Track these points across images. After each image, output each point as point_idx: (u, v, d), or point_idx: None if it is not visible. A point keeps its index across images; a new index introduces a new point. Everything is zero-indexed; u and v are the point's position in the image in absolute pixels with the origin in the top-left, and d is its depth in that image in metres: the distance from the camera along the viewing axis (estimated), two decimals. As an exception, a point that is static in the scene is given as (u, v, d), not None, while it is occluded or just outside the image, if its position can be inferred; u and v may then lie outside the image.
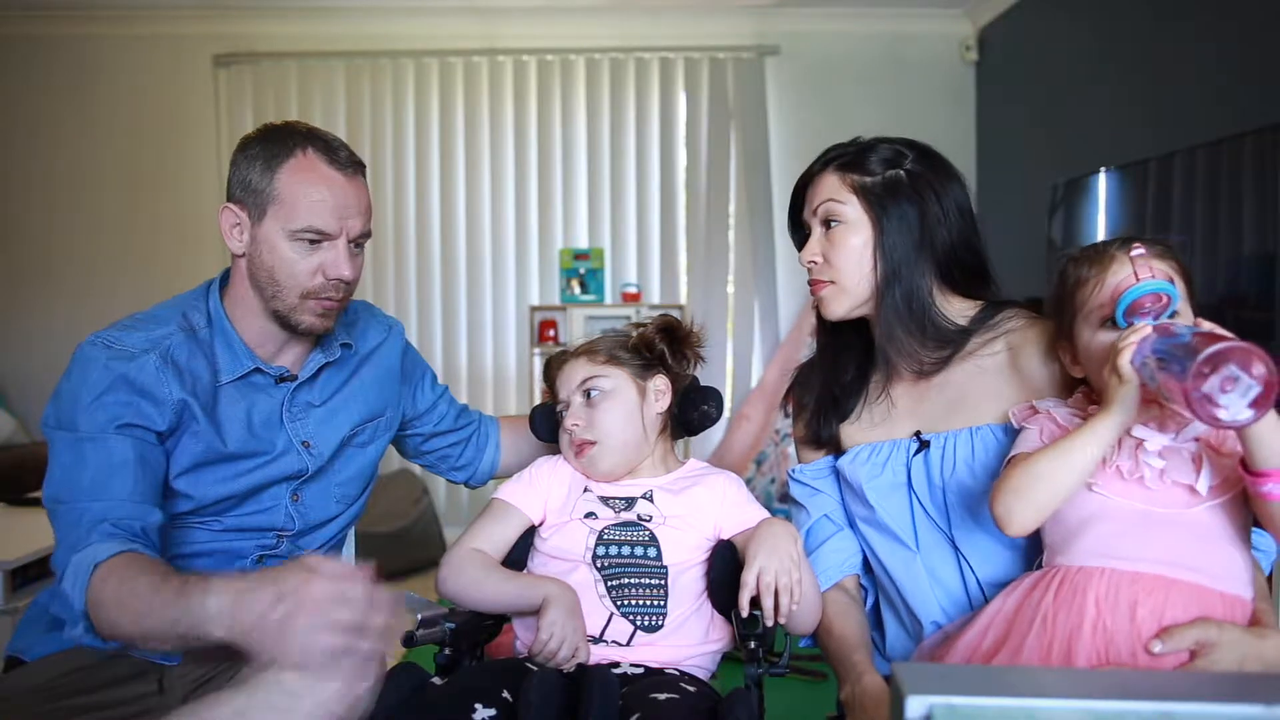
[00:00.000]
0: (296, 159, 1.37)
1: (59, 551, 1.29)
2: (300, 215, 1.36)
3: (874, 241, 1.36)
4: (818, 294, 1.41)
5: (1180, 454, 1.16)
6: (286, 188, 1.36)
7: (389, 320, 1.67)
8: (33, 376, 4.69)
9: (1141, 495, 1.16)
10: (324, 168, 1.37)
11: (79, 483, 1.30)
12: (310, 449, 1.48)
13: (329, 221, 1.37)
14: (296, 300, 1.40)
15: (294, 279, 1.38)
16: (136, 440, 1.34)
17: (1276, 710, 0.66)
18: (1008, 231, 4.27)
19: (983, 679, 0.76)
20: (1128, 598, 1.13)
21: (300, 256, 1.38)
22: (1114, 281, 1.20)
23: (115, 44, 4.85)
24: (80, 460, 1.31)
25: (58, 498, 1.31)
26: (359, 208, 1.40)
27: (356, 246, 1.43)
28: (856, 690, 1.31)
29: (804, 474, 1.52)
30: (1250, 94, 2.88)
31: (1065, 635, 1.14)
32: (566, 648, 1.31)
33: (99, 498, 1.29)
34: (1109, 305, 1.20)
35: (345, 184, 1.38)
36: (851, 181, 1.37)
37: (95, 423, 1.32)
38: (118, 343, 1.36)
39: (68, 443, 1.33)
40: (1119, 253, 1.22)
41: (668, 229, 4.94)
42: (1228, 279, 2.78)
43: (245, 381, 1.44)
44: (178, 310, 1.45)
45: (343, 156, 1.39)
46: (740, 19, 4.88)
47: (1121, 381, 1.12)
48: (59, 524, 1.31)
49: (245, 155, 1.40)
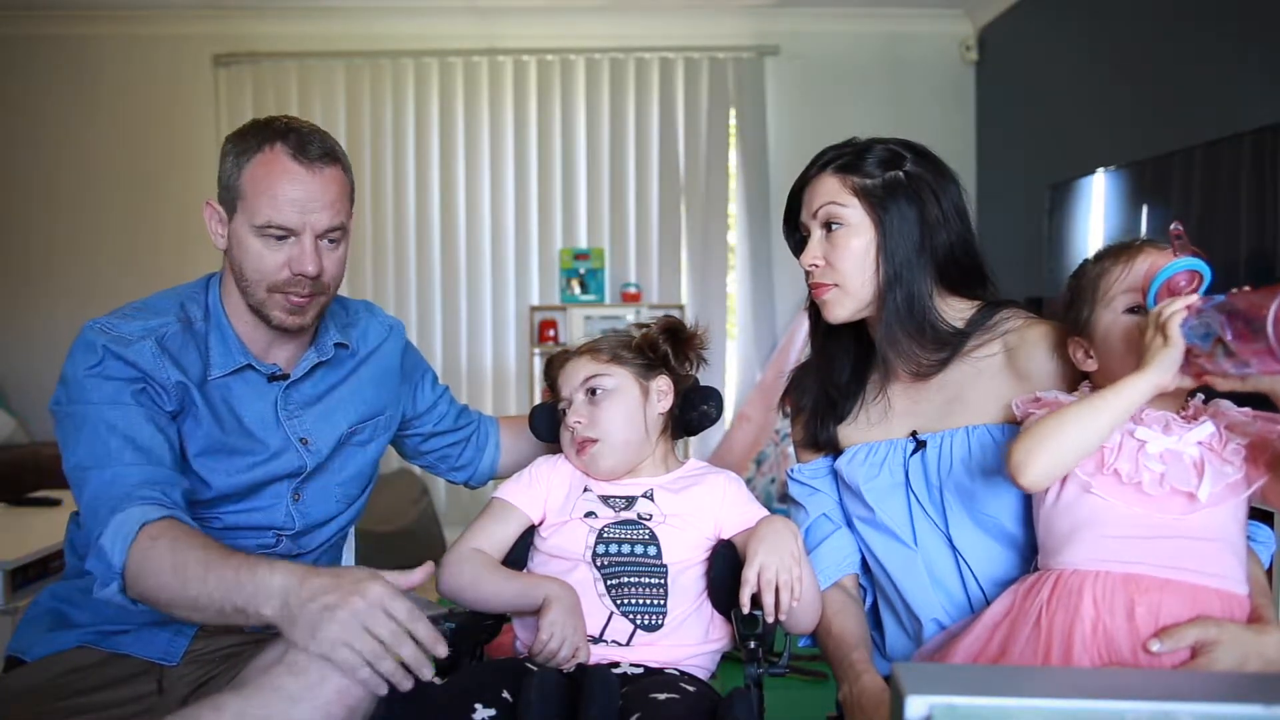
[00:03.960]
0: (263, 154, 1.37)
1: (90, 513, 1.29)
2: (262, 211, 1.36)
3: (876, 244, 1.36)
4: (820, 297, 1.40)
5: (1181, 459, 1.15)
6: (250, 184, 1.37)
7: (390, 320, 1.67)
8: (33, 376, 4.68)
9: (1139, 501, 1.16)
10: (287, 162, 1.37)
11: (107, 446, 1.31)
12: (309, 446, 1.48)
13: (289, 217, 1.37)
14: (264, 295, 1.40)
15: (260, 274, 1.39)
16: (154, 411, 1.36)
17: (1276, 710, 0.66)
18: (1007, 231, 4.27)
19: (983, 679, 0.76)
20: (1124, 598, 1.13)
21: (268, 251, 1.38)
22: (1143, 267, 1.20)
23: (115, 44, 4.85)
24: (105, 425, 1.32)
25: (83, 464, 1.31)
26: (324, 201, 1.39)
27: (331, 242, 1.42)
28: (855, 690, 1.31)
29: (802, 474, 1.52)
30: (1249, 94, 2.88)
31: (1063, 637, 1.14)
32: (567, 647, 1.31)
33: (133, 461, 1.30)
34: (1138, 289, 1.19)
35: (308, 178, 1.37)
36: (852, 184, 1.37)
37: (110, 393, 1.33)
38: (115, 329, 1.37)
39: (85, 414, 1.33)
40: (1146, 245, 1.23)
41: (668, 229, 4.94)
42: (1227, 279, 2.78)
43: (237, 377, 1.44)
44: (176, 301, 1.46)
45: (312, 151, 1.38)
46: (740, 19, 4.88)
47: (1167, 343, 1.09)
48: (88, 487, 1.30)
49: (224, 151, 1.42)
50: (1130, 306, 1.21)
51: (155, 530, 1.23)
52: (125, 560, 1.22)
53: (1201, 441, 1.16)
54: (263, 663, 1.21)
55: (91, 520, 1.28)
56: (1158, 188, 3.13)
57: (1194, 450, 1.16)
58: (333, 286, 1.46)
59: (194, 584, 1.19)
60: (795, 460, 1.56)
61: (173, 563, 1.20)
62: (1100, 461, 1.18)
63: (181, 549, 1.21)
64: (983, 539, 1.34)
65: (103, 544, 1.24)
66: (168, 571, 1.20)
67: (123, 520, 1.24)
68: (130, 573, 1.22)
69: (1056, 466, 1.16)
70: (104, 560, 1.24)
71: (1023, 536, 1.32)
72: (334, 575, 1.13)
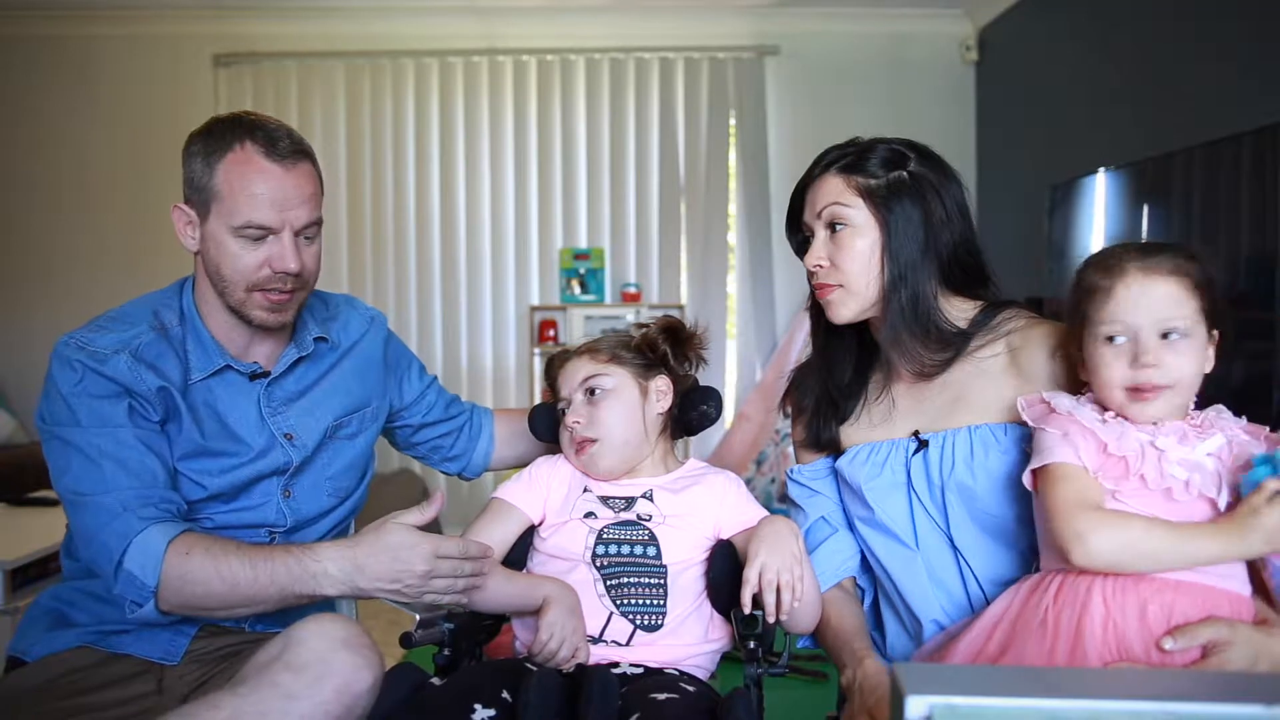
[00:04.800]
0: (235, 153, 1.36)
1: (89, 538, 1.31)
2: (241, 211, 1.36)
3: (881, 244, 1.35)
4: (825, 298, 1.39)
5: (1202, 468, 1.16)
6: (225, 184, 1.36)
7: (371, 312, 1.67)
8: (33, 376, 4.63)
9: (1164, 508, 1.16)
10: (261, 160, 1.36)
11: (100, 470, 1.32)
12: (294, 441, 1.48)
13: (269, 215, 1.36)
14: (244, 294, 1.40)
15: (239, 274, 1.38)
16: (144, 426, 1.36)
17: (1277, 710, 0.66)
18: (1007, 231, 4.27)
19: (983, 679, 0.76)
20: (1136, 598, 1.13)
21: (245, 252, 1.38)
22: (1123, 297, 1.19)
23: (115, 44, 4.85)
24: (94, 449, 1.33)
25: (78, 490, 1.32)
26: (301, 197, 1.38)
27: (307, 238, 1.42)
28: (858, 674, 1.31)
29: (801, 474, 1.51)
30: (1249, 94, 2.88)
31: (1070, 636, 1.14)
32: (566, 648, 1.31)
33: (129, 484, 1.32)
34: (1117, 320, 1.19)
35: (284, 175, 1.37)
36: (857, 184, 1.36)
37: (99, 414, 1.34)
38: (89, 344, 1.37)
39: (73, 437, 1.34)
40: (1131, 265, 1.20)
41: (668, 229, 4.94)
42: (1227, 279, 2.78)
43: (218, 379, 1.44)
44: (149, 309, 1.45)
45: (283, 147, 1.37)
46: (740, 19, 4.87)
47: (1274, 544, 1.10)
48: (87, 513, 1.32)
49: (189, 152, 1.40)
50: (1109, 335, 1.21)
51: (182, 545, 1.29)
52: (160, 579, 1.27)
53: (1212, 453, 1.17)
54: (261, 660, 1.21)
55: (92, 546, 1.31)
56: (1158, 188, 3.13)
57: (1209, 460, 1.16)
58: (311, 281, 1.46)
59: (245, 585, 1.28)
60: (795, 460, 1.56)
61: (216, 570, 1.28)
62: (1125, 469, 1.18)
63: (217, 555, 1.29)
64: (984, 539, 1.34)
65: (129, 568, 1.28)
66: (214, 580, 1.28)
67: (144, 542, 1.28)
68: (168, 588, 1.28)
69: (1119, 565, 1.14)
70: (133, 583, 1.28)
71: (1024, 537, 1.32)
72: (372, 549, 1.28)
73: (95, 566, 1.33)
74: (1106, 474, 1.18)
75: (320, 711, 1.16)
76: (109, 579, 1.30)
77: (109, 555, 1.29)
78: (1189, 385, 1.20)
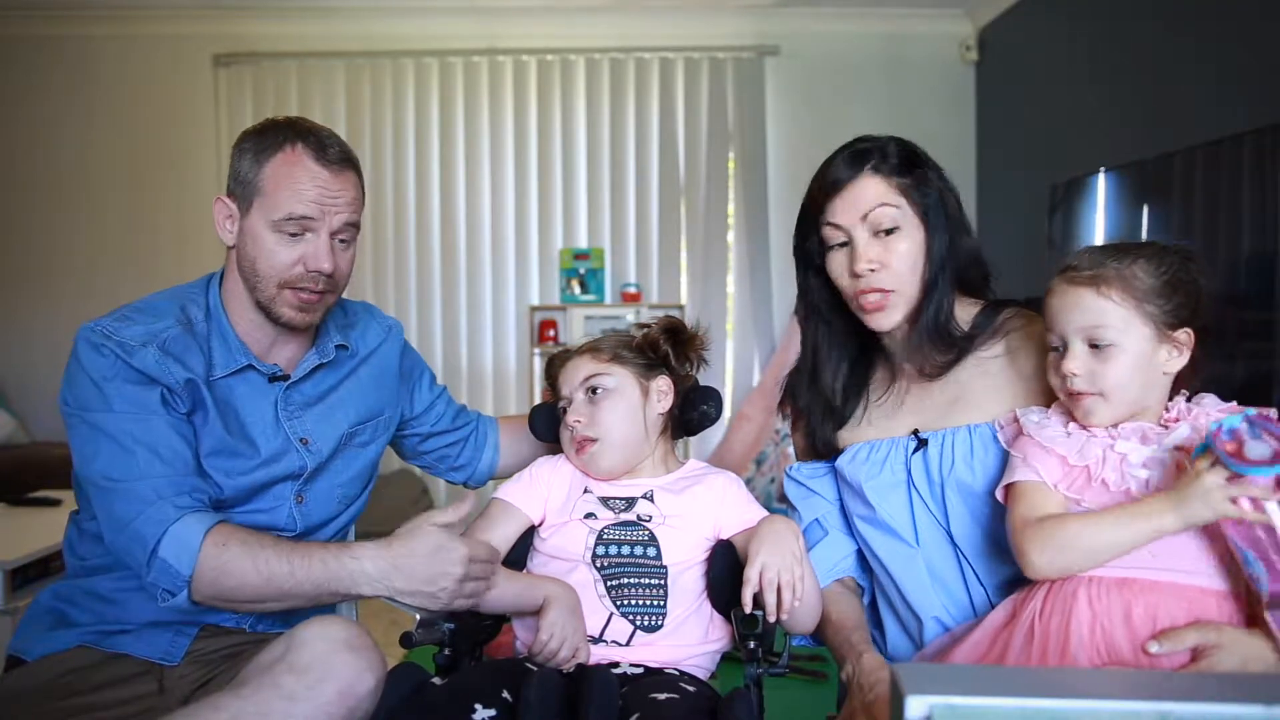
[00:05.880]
0: (285, 152, 1.38)
1: (121, 525, 1.30)
2: (282, 204, 1.37)
3: (924, 245, 1.33)
4: (876, 305, 1.34)
5: (1163, 464, 1.17)
6: (271, 179, 1.37)
7: (389, 321, 1.68)
8: (33, 376, 4.68)
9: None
10: (309, 162, 1.38)
11: (133, 457, 1.31)
12: (309, 446, 1.48)
13: (310, 208, 1.37)
14: (275, 290, 1.40)
15: (274, 269, 1.39)
16: (175, 417, 1.36)
17: (1276, 710, 0.66)
18: (1007, 231, 4.27)
19: (983, 679, 0.76)
20: (1120, 601, 1.13)
21: (282, 248, 1.39)
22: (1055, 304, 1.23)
23: (115, 44, 4.85)
24: (127, 435, 1.32)
25: (110, 475, 1.32)
26: (345, 200, 1.40)
27: (342, 241, 1.43)
28: (857, 667, 1.31)
29: (800, 473, 1.51)
30: (1249, 94, 2.88)
31: (1059, 640, 1.14)
32: (567, 648, 1.31)
33: (163, 471, 1.32)
34: (1053, 330, 1.23)
35: (330, 178, 1.39)
36: (899, 184, 1.33)
37: (132, 401, 1.34)
38: (116, 334, 1.37)
39: (105, 423, 1.33)
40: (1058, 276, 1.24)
41: (668, 229, 4.94)
42: (1227, 279, 2.78)
43: (239, 378, 1.44)
44: (176, 303, 1.45)
45: (332, 153, 1.40)
46: (740, 19, 4.88)
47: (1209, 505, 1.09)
48: (119, 500, 1.31)
49: (239, 149, 1.42)
50: (1053, 345, 1.24)
51: (219, 536, 1.29)
52: (195, 569, 1.27)
53: (1179, 445, 1.17)
54: (263, 661, 1.21)
55: (124, 533, 1.30)
56: (1158, 188, 3.14)
57: (1165, 456, 1.17)
58: (341, 285, 1.46)
59: (280, 580, 1.28)
60: (795, 460, 1.56)
61: (254, 564, 1.28)
62: (1088, 475, 1.19)
63: (254, 549, 1.29)
64: (984, 537, 1.34)
65: (164, 556, 1.27)
66: (250, 572, 1.28)
67: (180, 531, 1.28)
68: (202, 579, 1.28)
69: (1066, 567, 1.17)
70: (168, 572, 1.27)
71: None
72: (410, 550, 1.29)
73: (126, 554, 1.32)
74: (1071, 485, 1.20)
75: (322, 713, 1.16)
76: (140, 567, 1.29)
77: (143, 543, 1.28)
78: (1123, 390, 1.20)
